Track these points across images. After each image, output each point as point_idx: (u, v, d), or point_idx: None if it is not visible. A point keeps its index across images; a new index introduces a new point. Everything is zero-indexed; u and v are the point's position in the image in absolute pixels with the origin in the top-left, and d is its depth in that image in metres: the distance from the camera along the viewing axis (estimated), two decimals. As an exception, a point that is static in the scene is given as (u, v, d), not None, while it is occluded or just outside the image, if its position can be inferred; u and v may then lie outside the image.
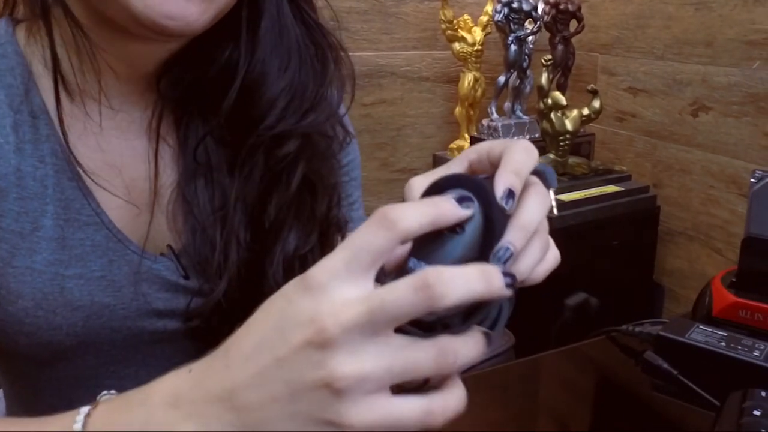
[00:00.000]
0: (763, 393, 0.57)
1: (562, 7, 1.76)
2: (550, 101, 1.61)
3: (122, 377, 0.61)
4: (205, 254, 0.59)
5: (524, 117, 1.81)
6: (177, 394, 0.36)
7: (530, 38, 1.77)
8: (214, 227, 0.59)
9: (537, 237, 0.40)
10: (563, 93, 1.70)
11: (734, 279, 0.83)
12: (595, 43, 1.95)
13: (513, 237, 0.38)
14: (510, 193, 0.38)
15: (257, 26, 0.58)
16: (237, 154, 0.59)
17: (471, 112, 1.85)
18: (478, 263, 0.35)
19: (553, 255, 0.42)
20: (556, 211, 0.47)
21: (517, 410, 0.70)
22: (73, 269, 0.54)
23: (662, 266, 1.81)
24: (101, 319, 0.56)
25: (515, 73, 1.78)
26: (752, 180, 0.81)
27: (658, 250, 1.79)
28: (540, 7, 1.76)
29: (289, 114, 0.58)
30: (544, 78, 1.61)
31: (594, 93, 1.65)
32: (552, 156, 1.63)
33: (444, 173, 0.43)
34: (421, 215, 0.34)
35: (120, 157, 0.58)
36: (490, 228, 0.38)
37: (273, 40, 0.58)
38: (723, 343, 0.67)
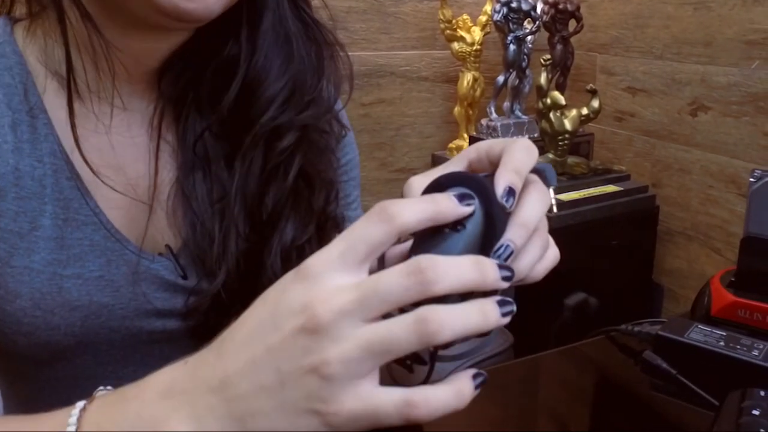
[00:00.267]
0: (762, 392, 0.57)
1: (561, 7, 1.76)
2: (549, 101, 1.61)
3: (120, 377, 0.60)
4: (204, 248, 0.59)
5: (523, 117, 1.81)
6: (171, 386, 0.36)
7: (529, 38, 1.77)
8: (213, 220, 0.59)
9: (537, 235, 0.40)
10: (562, 93, 1.70)
11: (733, 278, 0.83)
12: (594, 43, 1.95)
13: (513, 235, 0.38)
14: (510, 191, 0.38)
15: (258, 23, 0.59)
16: (235, 148, 0.59)
17: (470, 112, 1.85)
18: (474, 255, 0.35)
19: (553, 253, 0.42)
20: (556, 210, 0.47)
21: (517, 410, 0.70)
22: (71, 269, 0.54)
23: (661, 266, 1.81)
24: (99, 319, 0.55)
25: (514, 73, 1.78)
26: (751, 179, 0.81)
27: (657, 250, 1.79)
28: (539, 7, 1.76)
29: (288, 108, 0.59)
30: (543, 78, 1.61)
31: (593, 93, 1.65)
32: (551, 156, 1.63)
33: (443, 172, 0.44)
34: (420, 211, 0.34)
35: (123, 155, 0.59)
36: (491, 225, 0.38)
37: (273, 37, 0.59)
38: (722, 343, 0.67)
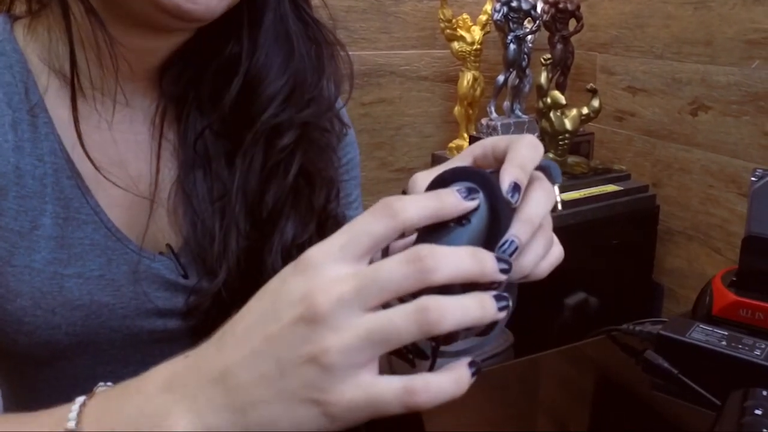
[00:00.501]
0: (764, 392, 0.57)
1: (561, 6, 1.75)
2: (549, 100, 1.60)
3: (121, 377, 0.60)
4: (205, 246, 0.59)
5: (523, 116, 1.81)
6: (171, 380, 0.36)
7: (529, 37, 1.77)
8: (213, 218, 0.59)
9: (541, 232, 0.40)
10: (562, 92, 1.70)
11: (734, 278, 0.83)
12: (594, 42, 1.95)
13: (518, 230, 0.38)
14: (516, 187, 0.38)
15: (259, 22, 0.59)
16: (236, 146, 0.59)
17: (470, 112, 1.85)
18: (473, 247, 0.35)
19: (557, 251, 0.42)
20: (561, 207, 0.47)
21: (517, 410, 0.70)
22: (72, 268, 0.54)
23: (661, 265, 1.81)
24: (100, 319, 0.55)
25: (514, 72, 1.78)
26: (752, 179, 0.81)
27: (658, 250, 1.79)
28: (539, 6, 1.76)
29: (289, 106, 0.59)
30: (543, 77, 1.61)
31: (593, 92, 1.65)
32: (551, 155, 1.63)
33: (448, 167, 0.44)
34: (424, 207, 0.34)
35: (126, 152, 0.59)
36: (496, 221, 0.38)
37: (274, 36, 0.59)
38: (724, 342, 0.67)
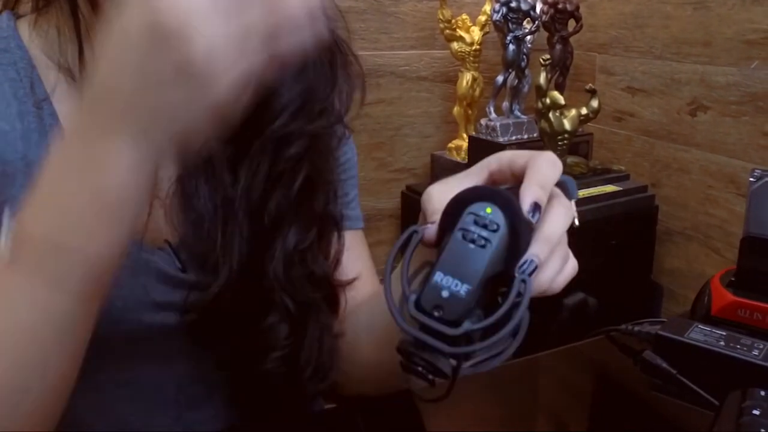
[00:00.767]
0: (763, 392, 0.57)
1: (561, 7, 1.75)
2: (549, 101, 1.60)
3: (117, 370, 0.61)
4: (204, 248, 0.59)
5: (522, 116, 1.81)
6: (85, 131, 0.38)
7: (528, 38, 1.77)
8: (216, 222, 0.59)
9: (559, 248, 0.41)
10: (561, 92, 1.70)
11: (733, 278, 0.83)
12: (594, 43, 1.95)
13: (538, 249, 0.39)
14: (536, 207, 0.39)
15: None
16: (241, 152, 0.59)
17: (469, 112, 1.85)
18: None
19: (572, 265, 0.43)
20: (578, 223, 0.47)
21: (516, 409, 0.70)
22: None
23: (660, 266, 1.81)
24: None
25: (513, 73, 1.78)
26: (751, 179, 0.81)
27: (657, 250, 1.79)
28: (538, 7, 1.76)
29: (300, 117, 0.59)
30: (543, 77, 1.61)
31: (592, 92, 1.65)
32: (550, 155, 1.63)
33: (463, 182, 0.44)
34: None
35: None
36: (516, 241, 0.39)
37: None
38: (722, 343, 0.67)
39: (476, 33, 1.77)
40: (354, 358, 0.65)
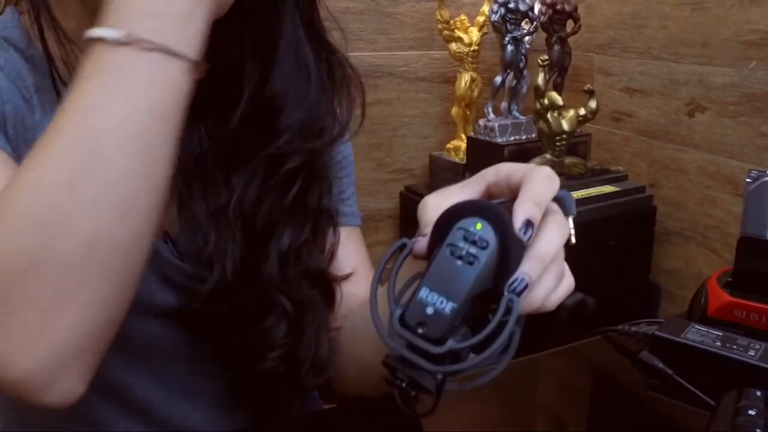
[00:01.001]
0: (759, 392, 0.58)
1: (559, 8, 1.76)
2: (547, 101, 1.61)
3: (104, 372, 0.61)
4: (197, 248, 0.59)
5: (521, 117, 1.81)
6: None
7: (527, 38, 1.77)
8: (209, 225, 0.59)
9: (553, 266, 0.40)
10: (560, 93, 1.70)
11: (730, 279, 0.83)
12: (592, 44, 1.95)
13: (529, 268, 0.38)
14: (529, 224, 0.38)
15: (272, 48, 0.57)
16: (238, 164, 0.59)
17: (468, 113, 1.85)
18: None
19: (568, 283, 0.42)
20: (574, 240, 0.46)
21: (514, 409, 0.70)
22: None
23: (658, 266, 1.81)
24: None
25: (512, 74, 1.78)
26: (748, 180, 0.82)
27: (655, 250, 1.80)
28: (536, 8, 1.76)
29: (300, 136, 0.58)
30: (541, 78, 1.61)
31: (590, 93, 1.65)
32: (548, 156, 1.63)
33: (460, 193, 0.43)
34: None
35: None
36: (506, 258, 0.38)
37: (290, 64, 0.58)
38: (718, 343, 0.68)
39: (474, 34, 1.77)
40: (351, 359, 0.65)
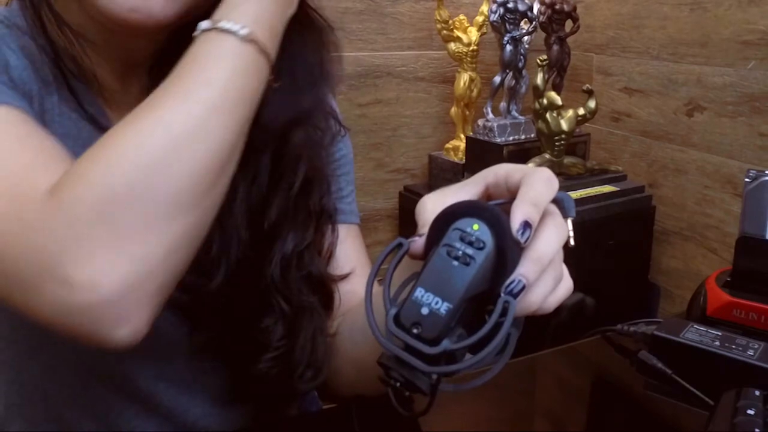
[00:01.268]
0: (757, 392, 0.58)
1: (558, 8, 1.76)
2: (546, 101, 1.61)
3: (103, 371, 0.61)
4: (204, 242, 0.59)
5: (520, 117, 1.81)
6: None
7: (526, 38, 1.78)
8: (215, 225, 0.59)
9: (551, 268, 0.39)
10: (559, 93, 1.70)
11: (729, 278, 0.83)
12: (591, 43, 1.96)
13: (526, 270, 0.38)
14: (526, 225, 0.38)
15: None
16: (242, 163, 0.59)
17: (467, 113, 1.85)
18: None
19: (566, 285, 0.41)
20: (573, 242, 0.45)
21: (513, 409, 0.70)
22: None
23: (657, 266, 1.81)
24: None
25: (511, 74, 1.78)
26: (746, 180, 0.82)
27: (654, 250, 1.80)
28: (535, 8, 1.76)
29: (293, 114, 0.59)
30: (540, 78, 1.61)
31: (589, 93, 1.65)
32: (547, 156, 1.63)
33: (459, 193, 0.43)
34: None
35: None
36: (502, 259, 0.37)
37: (289, 65, 0.58)
38: (717, 343, 0.68)
39: (473, 34, 1.77)
40: (350, 357, 0.65)
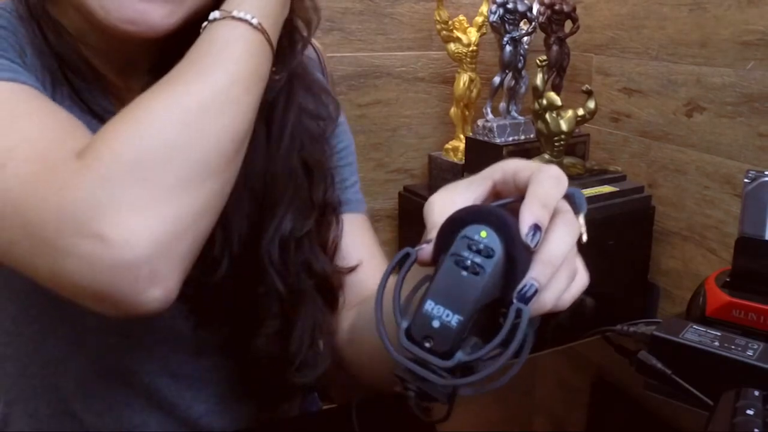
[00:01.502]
0: (756, 392, 0.58)
1: (557, 8, 1.76)
2: (545, 102, 1.61)
3: (105, 355, 0.61)
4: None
5: (519, 117, 1.81)
6: None
7: (525, 39, 1.78)
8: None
9: (564, 267, 0.38)
10: (558, 93, 1.70)
11: (728, 279, 0.83)
12: (590, 44, 1.96)
13: (538, 273, 0.37)
14: (536, 228, 0.37)
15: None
16: None
17: (466, 113, 1.85)
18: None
19: (581, 280, 0.41)
20: (585, 238, 0.44)
21: (513, 409, 0.70)
22: None
23: (657, 266, 1.81)
24: None
25: (510, 74, 1.78)
26: (746, 180, 0.82)
27: (653, 250, 1.80)
28: (535, 8, 1.76)
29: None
30: (539, 78, 1.61)
31: (589, 93, 1.65)
32: (547, 156, 1.64)
33: (466, 191, 0.42)
34: None
35: None
36: (513, 266, 0.37)
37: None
38: (716, 343, 0.68)
39: (473, 34, 1.78)
40: (359, 352, 0.65)
